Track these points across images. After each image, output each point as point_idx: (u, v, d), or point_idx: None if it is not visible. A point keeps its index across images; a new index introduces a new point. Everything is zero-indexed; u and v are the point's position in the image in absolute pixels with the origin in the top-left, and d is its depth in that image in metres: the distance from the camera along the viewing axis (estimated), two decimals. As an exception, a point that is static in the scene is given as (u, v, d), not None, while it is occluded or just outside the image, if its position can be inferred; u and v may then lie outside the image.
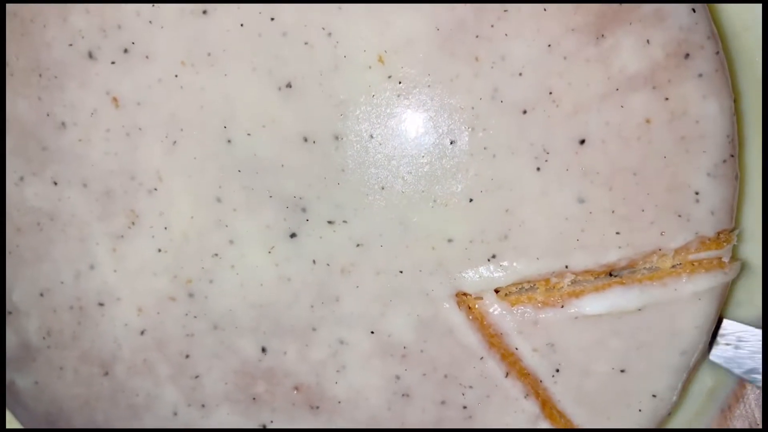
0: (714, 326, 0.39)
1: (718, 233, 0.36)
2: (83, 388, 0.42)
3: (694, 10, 0.35)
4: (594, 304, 0.37)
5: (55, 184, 0.39)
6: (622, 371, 0.38)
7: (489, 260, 0.36)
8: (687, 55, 0.35)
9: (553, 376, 0.38)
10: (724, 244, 0.36)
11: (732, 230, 0.37)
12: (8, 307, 0.42)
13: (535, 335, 0.38)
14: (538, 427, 0.39)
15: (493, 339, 0.38)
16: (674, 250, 0.36)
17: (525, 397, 0.38)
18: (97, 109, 0.38)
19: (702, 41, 0.35)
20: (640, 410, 0.39)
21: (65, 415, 0.43)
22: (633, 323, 0.37)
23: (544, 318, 0.37)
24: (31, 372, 0.42)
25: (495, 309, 0.38)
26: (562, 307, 0.37)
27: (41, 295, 0.41)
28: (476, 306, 0.38)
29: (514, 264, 0.36)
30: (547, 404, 0.39)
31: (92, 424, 0.42)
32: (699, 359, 0.39)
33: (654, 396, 0.38)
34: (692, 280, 0.37)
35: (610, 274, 0.37)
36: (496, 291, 0.38)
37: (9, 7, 0.39)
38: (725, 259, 0.37)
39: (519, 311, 0.38)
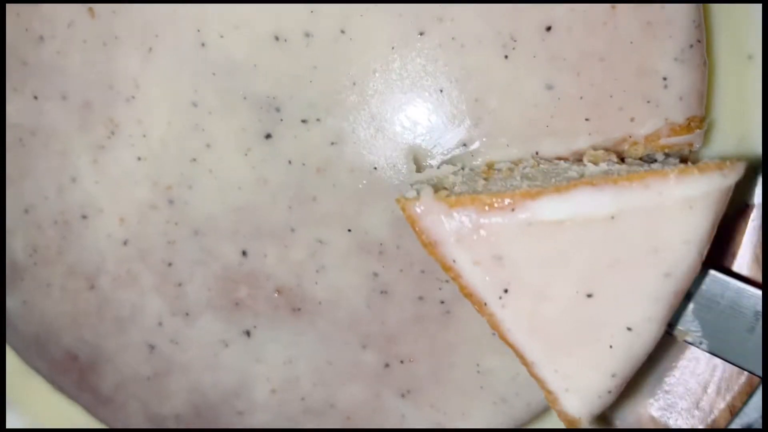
0: (709, 244, 0.33)
1: (689, 120, 0.37)
2: (70, 304, 0.42)
3: None
4: (553, 207, 0.31)
5: (36, 98, 0.40)
6: (589, 296, 0.32)
7: (459, 149, 0.37)
8: (651, -58, 0.35)
9: (500, 297, 0.33)
10: (696, 130, 0.37)
11: (703, 118, 0.37)
12: (-5, 228, 0.42)
13: (476, 245, 0.32)
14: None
15: (429, 248, 0.33)
16: (644, 137, 0.37)
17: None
18: (74, 20, 0.39)
19: (666, -72, 0.35)
20: (610, 346, 0.33)
21: (54, 334, 0.43)
22: (603, 234, 0.31)
23: (489, 224, 0.31)
24: (19, 292, 0.43)
25: (428, 211, 0.32)
26: (513, 210, 0.31)
27: (26, 211, 0.42)
28: (407, 208, 0.33)
29: (483, 151, 0.37)
30: (497, 330, 0.33)
31: (81, 341, 0.43)
32: (688, 286, 0.33)
33: (629, 329, 0.33)
34: (682, 183, 0.31)
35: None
36: (442, 190, 0.33)
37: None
38: (697, 146, 0.37)
39: (458, 214, 0.32)
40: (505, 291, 0.33)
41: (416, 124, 0.37)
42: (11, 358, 0.46)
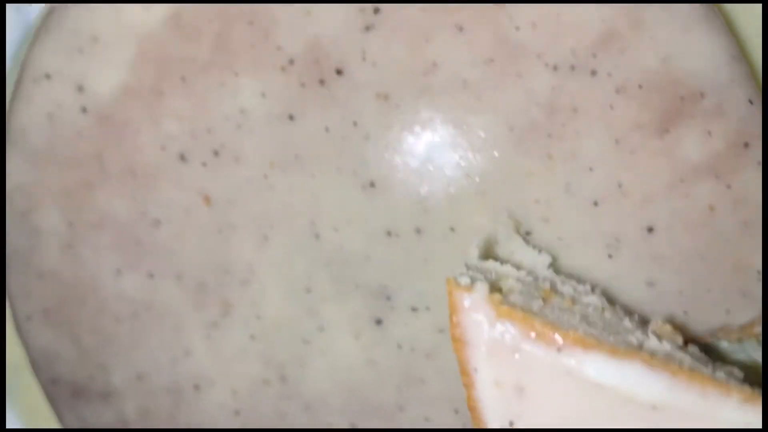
0: None
1: (780, 308, 0.39)
2: (180, 463, 0.44)
3: (751, 102, 0.37)
4: (601, 367, 0.29)
5: (151, 276, 0.42)
6: None
7: (566, 342, 0.39)
8: (746, 144, 0.37)
9: (503, 428, 0.31)
10: (785, 319, 0.39)
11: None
12: (107, 389, 0.44)
13: (506, 366, 0.30)
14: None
15: (457, 344, 0.31)
16: (738, 327, 0.38)
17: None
18: (190, 207, 0.41)
19: (759, 130, 0.37)
20: None
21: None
22: (636, 419, 0.29)
23: (528, 351, 0.30)
24: (128, 448, 0.45)
25: (474, 309, 0.30)
26: (559, 351, 0.29)
27: (138, 378, 0.43)
28: (454, 294, 0.31)
29: (591, 346, 0.38)
30: None
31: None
32: None
33: None
34: (743, 411, 0.29)
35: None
36: (497, 292, 0.32)
37: (103, 110, 0.41)
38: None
39: (502, 327, 0.30)
40: (510, 423, 0.30)
41: (523, 316, 0.39)
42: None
